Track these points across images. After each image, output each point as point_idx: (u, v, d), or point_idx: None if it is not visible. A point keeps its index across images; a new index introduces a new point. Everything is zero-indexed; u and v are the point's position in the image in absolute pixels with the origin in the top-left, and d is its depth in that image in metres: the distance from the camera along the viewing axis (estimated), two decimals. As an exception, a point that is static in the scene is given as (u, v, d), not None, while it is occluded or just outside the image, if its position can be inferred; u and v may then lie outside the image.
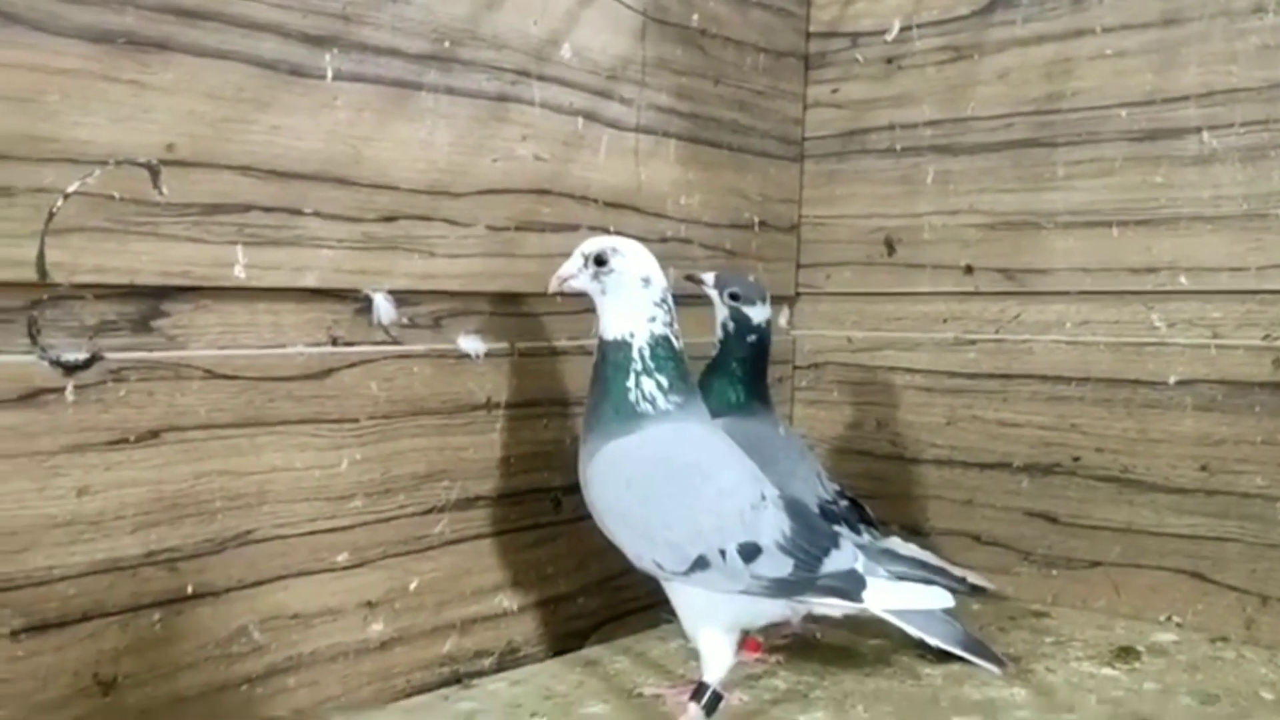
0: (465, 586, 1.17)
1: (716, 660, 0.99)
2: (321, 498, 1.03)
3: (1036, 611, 1.37)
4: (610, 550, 1.04)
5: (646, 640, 1.27)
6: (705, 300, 1.28)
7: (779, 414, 1.33)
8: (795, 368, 1.62)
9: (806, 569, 0.98)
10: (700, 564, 0.96)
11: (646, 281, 1.00)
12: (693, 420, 1.01)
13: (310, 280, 1.01)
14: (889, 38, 1.53)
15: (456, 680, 1.15)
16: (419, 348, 1.11)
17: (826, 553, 0.99)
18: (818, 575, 0.98)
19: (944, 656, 1.16)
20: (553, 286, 1.03)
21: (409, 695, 1.11)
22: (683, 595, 1.00)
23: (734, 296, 1.25)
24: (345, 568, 1.06)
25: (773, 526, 0.98)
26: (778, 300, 1.58)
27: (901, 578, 1.03)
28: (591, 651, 1.26)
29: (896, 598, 1.01)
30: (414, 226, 1.09)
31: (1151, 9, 1.33)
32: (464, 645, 1.17)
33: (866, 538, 1.20)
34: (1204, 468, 1.30)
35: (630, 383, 0.99)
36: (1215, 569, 1.30)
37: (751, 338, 1.25)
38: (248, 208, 0.96)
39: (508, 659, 1.21)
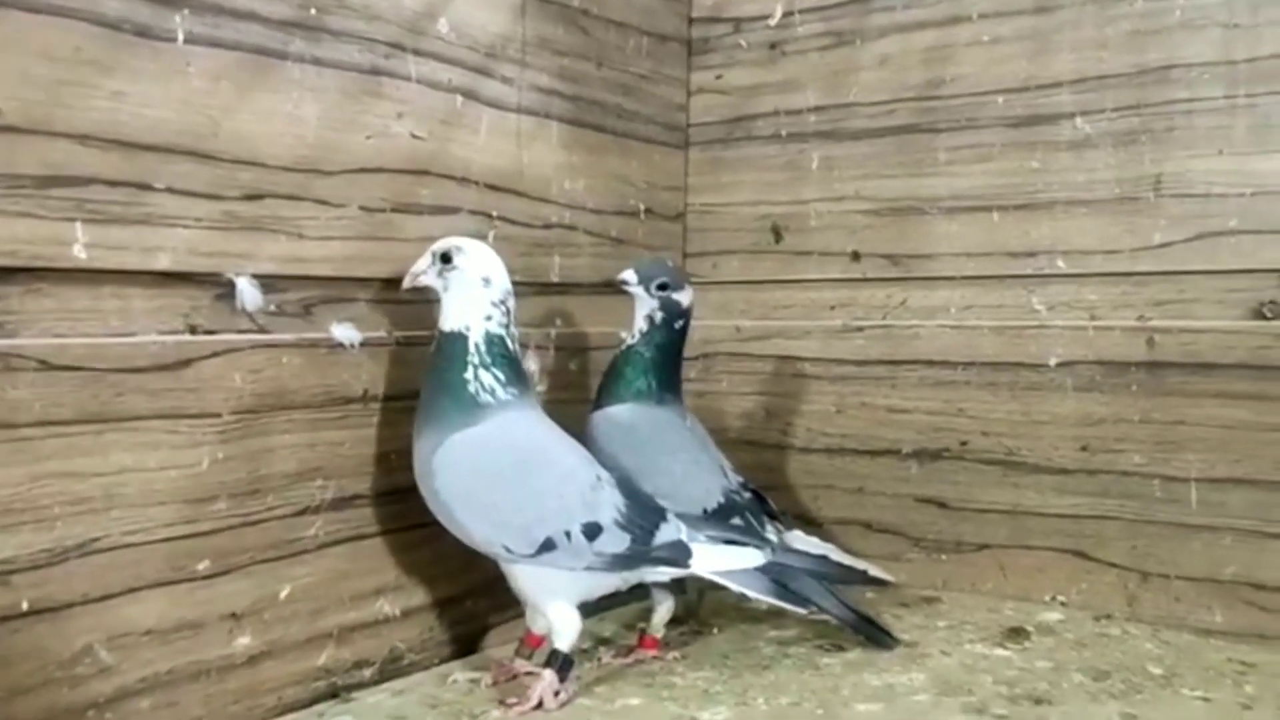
0: (342, 592, 1.09)
1: (567, 629, 1.04)
2: (179, 500, 0.95)
3: (928, 597, 1.37)
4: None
5: (537, 642, 1.22)
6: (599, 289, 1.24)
7: (686, 404, 1.30)
8: (683, 359, 1.59)
9: (641, 543, 1.05)
10: (547, 545, 1.01)
11: (487, 281, 1.04)
12: (529, 410, 1.06)
13: (164, 262, 0.92)
14: (772, 23, 1.51)
15: (333, 694, 1.07)
16: (288, 336, 1.03)
17: (657, 526, 1.06)
18: (651, 548, 1.05)
19: (838, 647, 1.16)
20: (406, 283, 1.07)
21: (281, 713, 1.03)
22: (528, 576, 1.04)
23: (663, 287, 1.21)
24: (207, 577, 0.97)
25: (610, 505, 1.04)
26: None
27: (718, 541, 1.10)
28: (479, 657, 1.20)
29: (717, 560, 1.08)
30: (281, 206, 1.01)
31: (1025, -5, 1.35)
32: (341, 656, 1.09)
33: (771, 531, 1.18)
34: (1085, 448, 1.32)
35: (469, 374, 1.02)
36: (1097, 547, 1.32)
37: (679, 323, 1.23)
38: (89, 181, 0.87)
39: (390, 668, 1.14)
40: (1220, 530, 1.24)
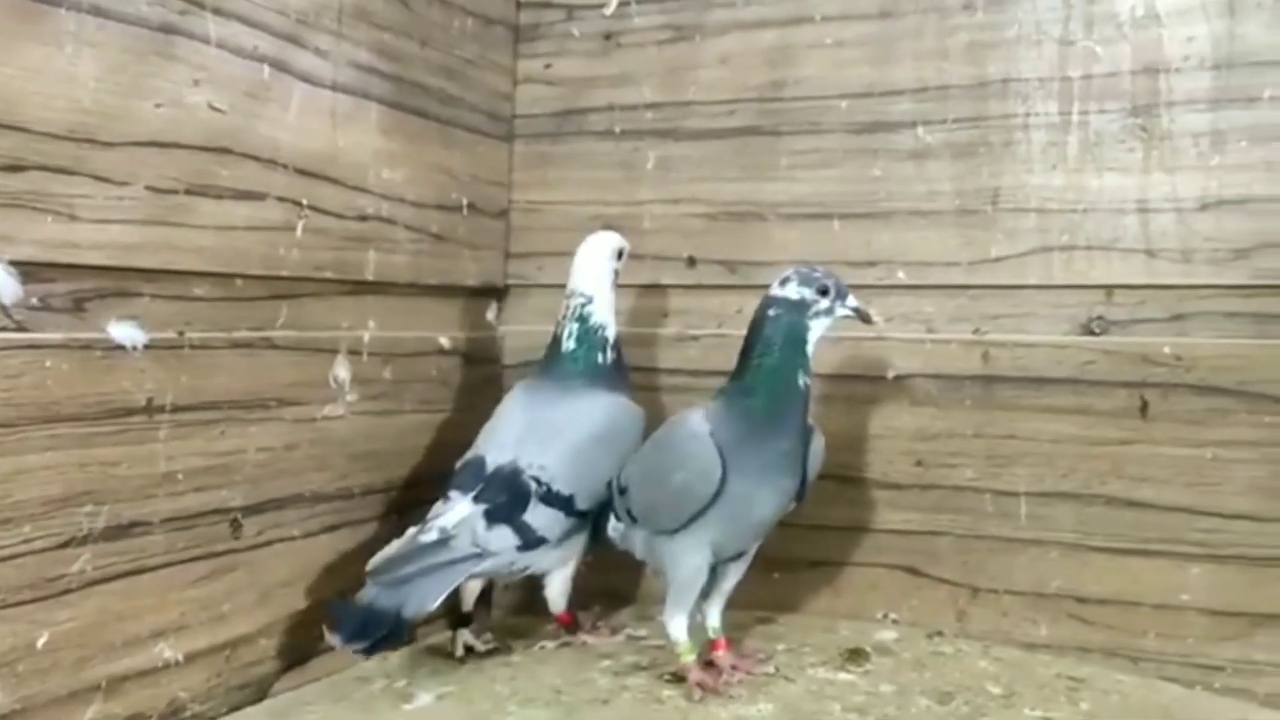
0: (115, 636, 0.94)
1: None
2: (-90, 535, 0.77)
3: (761, 618, 1.32)
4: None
5: (344, 684, 1.09)
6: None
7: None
8: (504, 367, 1.48)
9: None
10: None
11: None
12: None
13: (-105, 242, 0.75)
14: (607, 12, 1.43)
15: (103, 756, 0.92)
16: (54, 336, 0.87)
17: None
18: None
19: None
20: None
21: (38, 782, 0.86)
22: None
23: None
24: (-54, 626, 0.80)
25: None
26: (486, 294, 1.45)
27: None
28: (277, 703, 1.07)
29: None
30: (48, 180, 0.85)
31: (868, 0, 1.32)
32: (111, 711, 0.94)
33: None
34: (919, 462, 1.31)
35: None
36: (928, 563, 1.31)
37: None
38: None
39: (171, 723, 0.99)
40: (1047, 544, 1.25)
